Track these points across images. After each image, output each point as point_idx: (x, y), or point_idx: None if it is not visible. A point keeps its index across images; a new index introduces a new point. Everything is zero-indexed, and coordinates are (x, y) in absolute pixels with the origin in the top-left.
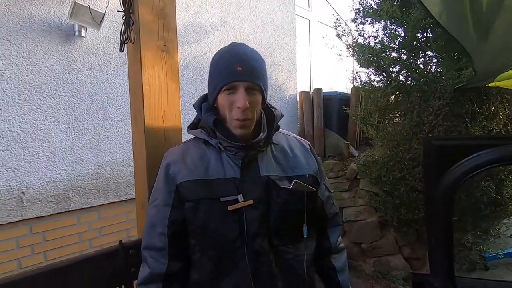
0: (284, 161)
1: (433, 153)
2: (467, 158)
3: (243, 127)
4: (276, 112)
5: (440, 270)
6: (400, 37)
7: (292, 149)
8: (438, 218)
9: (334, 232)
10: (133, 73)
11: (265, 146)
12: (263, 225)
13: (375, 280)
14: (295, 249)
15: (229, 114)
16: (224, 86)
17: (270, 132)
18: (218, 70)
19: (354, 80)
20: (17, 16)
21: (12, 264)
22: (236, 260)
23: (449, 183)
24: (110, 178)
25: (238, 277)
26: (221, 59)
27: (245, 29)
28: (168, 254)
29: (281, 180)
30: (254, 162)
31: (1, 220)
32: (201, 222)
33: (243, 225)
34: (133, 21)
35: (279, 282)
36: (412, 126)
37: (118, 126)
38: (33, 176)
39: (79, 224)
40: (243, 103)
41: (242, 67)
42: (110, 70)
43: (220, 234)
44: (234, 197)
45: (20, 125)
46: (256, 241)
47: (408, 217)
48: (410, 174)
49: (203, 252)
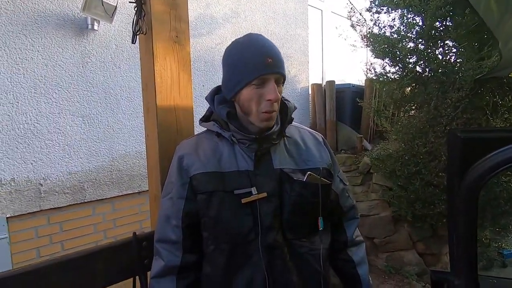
0: (297, 154)
1: (458, 146)
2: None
3: (270, 119)
4: (290, 104)
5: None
6: (417, 26)
7: (305, 142)
8: (461, 215)
9: (350, 225)
10: (145, 64)
11: (278, 139)
12: (277, 218)
13: (387, 275)
14: (309, 243)
15: (256, 108)
16: (253, 80)
17: (284, 125)
18: (243, 63)
19: (368, 71)
20: (32, 10)
21: (31, 252)
22: (249, 253)
23: (474, 178)
24: (124, 171)
25: (251, 271)
26: (246, 52)
27: (256, 20)
28: (182, 247)
29: (295, 173)
30: (267, 155)
31: (20, 211)
32: (214, 214)
33: (256, 218)
34: (145, 12)
35: (293, 276)
36: (429, 119)
37: (130, 119)
38: (50, 168)
39: (94, 215)
40: (276, 95)
41: (272, 59)
42: (122, 63)
43: (233, 227)
44: (248, 190)
45: (36, 118)
46: (270, 235)
47: (423, 212)
48: (426, 168)
49: (216, 245)
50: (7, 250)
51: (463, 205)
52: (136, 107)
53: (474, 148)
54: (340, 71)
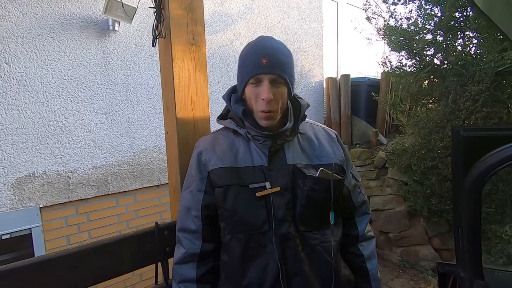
0: (310, 150)
1: (462, 143)
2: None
3: (268, 119)
4: (303, 102)
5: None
6: (436, 17)
7: (318, 138)
8: (465, 210)
9: (362, 220)
10: (164, 66)
11: (292, 136)
12: (289, 211)
13: (402, 270)
14: (321, 235)
15: (255, 106)
16: (249, 79)
17: (297, 122)
18: (245, 63)
19: (384, 65)
20: (58, 13)
21: (62, 240)
22: (263, 243)
23: (477, 175)
24: (144, 165)
25: (266, 260)
26: (248, 52)
27: (270, 15)
28: (202, 236)
29: (307, 169)
30: (281, 151)
31: (52, 201)
32: (230, 206)
33: (270, 211)
34: (164, 17)
35: (305, 266)
36: (446, 113)
37: (150, 115)
38: (77, 162)
39: (117, 206)
40: (267, 95)
41: (266, 60)
42: (141, 62)
43: (248, 218)
44: (262, 184)
45: (64, 116)
46: (283, 226)
47: (440, 207)
48: (443, 163)
49: (232, 235)
50: (40, 237)
51: (467, 200)
52: (155, 104)
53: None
54: (355, 64)
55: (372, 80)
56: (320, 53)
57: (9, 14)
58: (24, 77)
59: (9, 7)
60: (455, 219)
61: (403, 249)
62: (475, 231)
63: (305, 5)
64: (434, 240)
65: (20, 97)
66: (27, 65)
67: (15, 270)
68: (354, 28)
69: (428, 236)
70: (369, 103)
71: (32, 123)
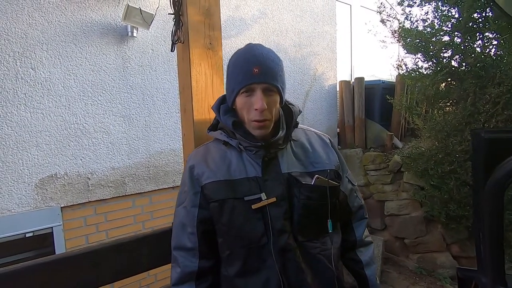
0: (305, 157)
1: (483, 146)
2: None
3: (262, 128)
4: (294, 108)
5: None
6: (453, 19)
7: (312, 144)
8: (487, 213)
9: (359, 225)
10: (182, 70)
11: (285, 143)
12: (287, 221)
13: (418, 277)
14: (321, 244)
15: (247, 116)
16: (241, 89)
17: (289, 129)
18: (235, 72)
19: (400, 67)
20: (80, 21)
21: (81, 239)
22: (263, 257)
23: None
24: (160, 167)
25: (266, 274)
26: (238, 61)
27: (283, 19)
28: (199, 253)
29: (303, 177)
30: (274, 159)
31: (72, 201)
32: (227, 221)
33: (267, 223)
34: (182, 23)
35: (307, 276)
36: (465, 116)
37: (165, 118)
38: (96, 163)
39: (134, 207)
40: (261, 105)
41: (258, 69)
42: (158, 67)
43: (246, 232)
44: (257, 196)
45: (85, 119)
46: (282, 238)
47: (458, 213)
48: (461, 167)
49: (231, 250)
50: (61, 236)
51: (489, 204)
52: (170, 107)
53: (498, 148)
54: (369, 68)
55: (387, 83)
56: (333, 56)
57: (36, 23)
58: (48, 82)
59: (35, 15)
60: (476, 224)
61: (420, 256)
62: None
63: (319, 8)
64: (452, 247)
65: (44, 101)
66: (51, 71)
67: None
68: (368, 30)
69: (446, 243)
70: (384, 106)
71: (55, 126)
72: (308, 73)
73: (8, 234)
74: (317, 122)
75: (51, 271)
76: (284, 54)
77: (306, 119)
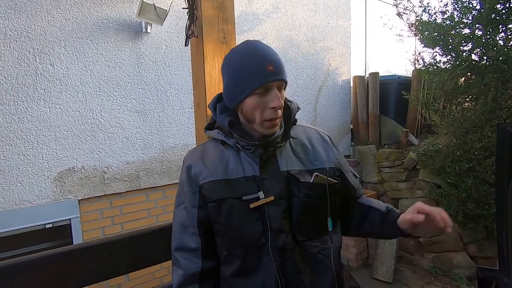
0: (304, 154)
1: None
2: None
3: (275, 126)
4: (292, 105)
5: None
6: (474, 10)
7: (311, 142)
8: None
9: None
10: (195, 64)
11: (283, 141)
12: (286, 220)
13: (433, 277)
14: (321, 243)
15: (260, 116)
16: (256, 90)
17: (288, 127)
18: (244, 72)
19: (416, 62)
20: (96, 17)
21: (97, 231)
22: (261, 257)
23: None
24: (173, 161)
25: (264, 275)
26: (245, 60)
27: (297, 14)
28: (202, 253)
29: (302, 174)
30: (273, 158)
31: (89, 194)
32: (224, 220)
33: (266, 222)
34: (196, 17)
35: (305, 277)
36: (485, 112)
37: (179, 114)
38: (111, 158)
39: (147, 201)
40: (279, 103)
41: (272, 67)
42: (171, 62)
43: (244, 232)
44: (255, 195)
45: (101, 114)
46: (280, 237)
47: (476, 212)
48: (480, 165)
49: (229, 250)
50: (79, 227)
51: None
52: (183, 103)
53: None
54: (385, 62)
55: (403, 78)
56: (347, 51)
57: (54, 20)
58: (66, 78)
59: (53, 13)
60: (499, 222)
61: (435, 255)
62: None
63: (333, 2)
64: (470, 246)
65: (63, 96)
66: (68, 67)
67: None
68: (384, 24)
69: (463, 242)
70: (399, 102)
71: (73, 120)
72: (321, 68)
73: (29, 225)
74: (330, 118)
75: (71, 260)
76: (297, 49)
77: (319, 115)
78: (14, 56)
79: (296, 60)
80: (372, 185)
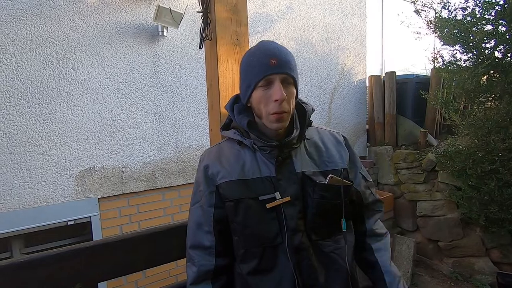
0: (318, 156)
1: None
2: None
3: (280, 120)
4: (308, 107)
5: None
6: (498, 6)
7: (325, 143)
8: None
9: (370, 216)
10: (209, 66)
11: (299, 143)
12: (301, 221)
13: (453, 282)
14: (334, 242)
15: (265, 110)
16: (259, 82)
17: (303, 129)
18: (251, 67)
19: (435, 60)
20: (115, 22)
21: (116, 229)
22: (278, 255)
23: None
24: (188, 162)
25: (281, 273)
26: (253, 56)
27: (311, 14)
28: (215, 251)
29: (316, 176)
30: (288, 159)
31: (108, 193)
32: (242, 220)
33: (282, 222)
34: (210, 20)
35: (320, 275)
36: (509, 111)
37: (194, 115)
38: (129, 158)
39: (163, 200)
40: (281, 95)
41: (275, 61)
42: (187, 65)
43: (261, 231)
44: (272, 195)
45: (119, 115)
46: (296, 237)
47: (500, 216)
48: (504, 167)
49: (246, 249)
50: (98, 225)
51: None
52: (198, 104)
53: None
54: (401, 61)
55: (421, 77)
56: (363, 51)
57: (76, 26)
58: (87, 81)
59: (75, 19)
60: None
61: (456, 260)
62: None
63: (348, 1)
64: (493, 252)
65: (84, 98)
66: (89, 70)
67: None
68: (401, 22)
69: (486, 247)
70: (417, 102)
71: (93, 122)
72: (336, 68)
73: (52, 222)
74: (345, 119)
75: (91, 255)
76: (311, 49)
77: (334, 115)
78: (39, 61)
79: (310, 60)
80: (389, 187)
